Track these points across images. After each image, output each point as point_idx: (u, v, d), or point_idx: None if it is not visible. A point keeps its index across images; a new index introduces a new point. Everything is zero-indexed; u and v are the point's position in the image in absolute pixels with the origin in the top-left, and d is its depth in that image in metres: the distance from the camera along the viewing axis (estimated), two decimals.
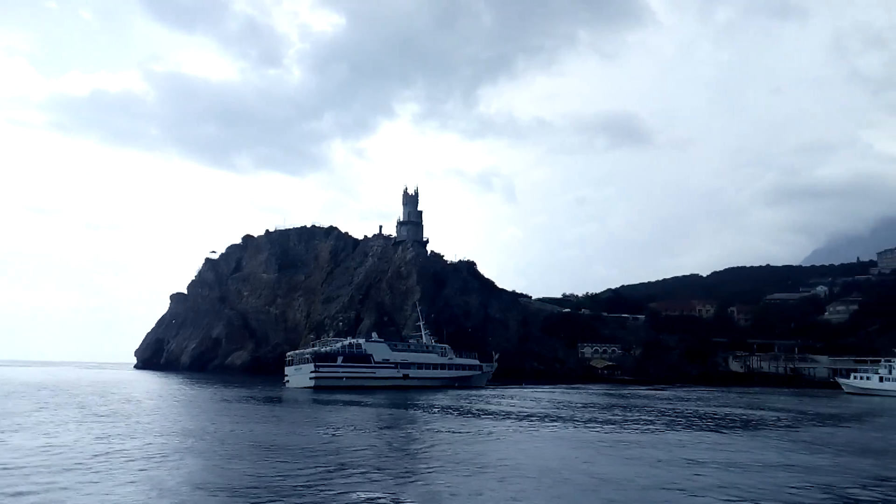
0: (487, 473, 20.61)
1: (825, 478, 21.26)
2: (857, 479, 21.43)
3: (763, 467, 23.09)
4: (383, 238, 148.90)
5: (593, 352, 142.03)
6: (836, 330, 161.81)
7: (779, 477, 21.14)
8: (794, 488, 19.29)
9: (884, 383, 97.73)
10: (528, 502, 16.77)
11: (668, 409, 52.49)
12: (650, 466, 22.79)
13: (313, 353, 79.72)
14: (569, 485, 19.09)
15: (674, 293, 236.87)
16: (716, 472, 21.61)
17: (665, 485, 19.42)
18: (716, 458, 25.03)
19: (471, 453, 24.86)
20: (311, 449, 25.02)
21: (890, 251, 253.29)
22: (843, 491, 19.17)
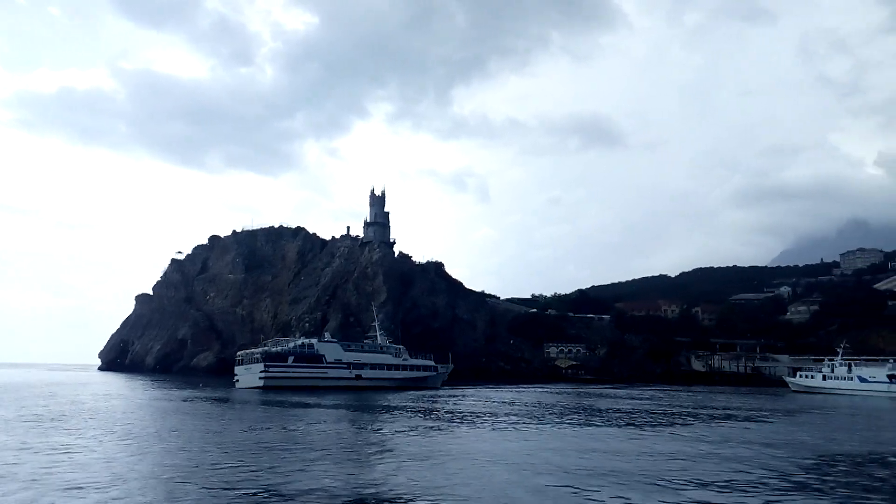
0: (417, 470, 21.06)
1: (688, 464, 23.04)
2: (716, 465, 23.10)
3: (640, 455, 24.93)
4: (351, 239, 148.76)
5: (558, 352, 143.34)
6: (797, 330, 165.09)
7: (647, 463, 23.04)
8: (649, 472, 20.94)
9: (827, 381, 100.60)
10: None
11: (609, 407, 53.51)
12: (546, 452, 24.94)
13: (263, 352, 79.01)
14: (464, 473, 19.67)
15: (642, 293, 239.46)
16: (599, 459, 23.80)
17: (550, 469, 21.40)
18: (609, 446, 27.53)
19: (403, 454, 25.27)
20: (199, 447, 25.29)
21: (852, 252, 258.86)
22: (691, 474, 20.84)
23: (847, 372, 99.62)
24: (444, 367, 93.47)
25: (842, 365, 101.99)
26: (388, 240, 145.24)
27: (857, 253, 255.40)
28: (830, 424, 42.33)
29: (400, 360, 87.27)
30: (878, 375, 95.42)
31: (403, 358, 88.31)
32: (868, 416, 53.16)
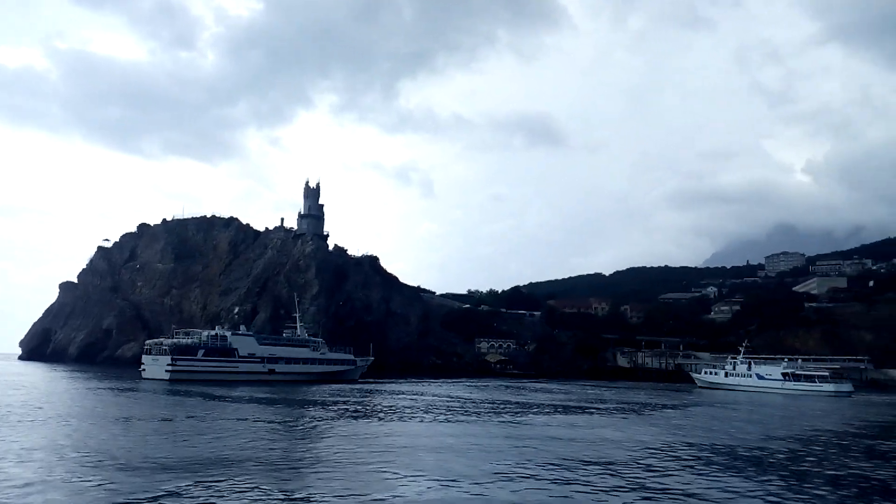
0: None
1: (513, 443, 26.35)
2: (540, 449, 25.78)
3: (479, 440, 28.05)
4: (284, 230, 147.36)
5: (489, 347, 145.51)
6: (719, 328, 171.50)
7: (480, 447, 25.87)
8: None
9: (728, 378, 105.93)
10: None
11: (505, 399, 55.54)
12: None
13: (172, 344, 76.37)
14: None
15: (577, 291, 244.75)
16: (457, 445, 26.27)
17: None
18: (467, 430, 31.04)
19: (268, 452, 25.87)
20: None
21: (776, 255, 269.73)
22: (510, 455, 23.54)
23: (747, 370, 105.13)
24: (363, 360, 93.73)
25: (743, 363, 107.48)
26: (322, 232, 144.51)
27: (781, 256, 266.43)
28: (692, 419, 44.70)
29: (317, 354, 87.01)
30: (773, 373, 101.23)
31: (322, 352, 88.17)
32: (743, 409, 56.76)
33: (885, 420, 49.46)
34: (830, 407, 62.71)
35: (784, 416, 49.99)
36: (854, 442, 33.40)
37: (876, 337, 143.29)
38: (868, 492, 19.85)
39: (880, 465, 25.54)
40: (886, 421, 48.78)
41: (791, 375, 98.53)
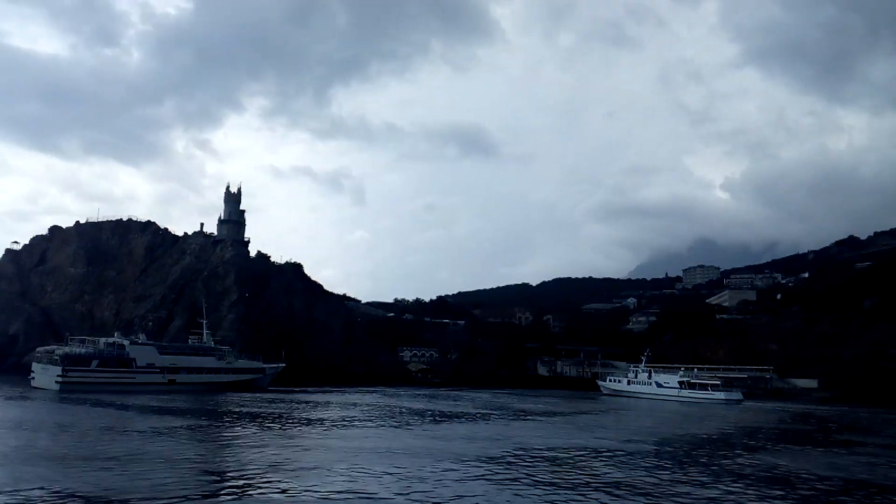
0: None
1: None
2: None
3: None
4: (203, 236, 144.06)
5: (412, 356, 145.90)
6: (636, 338, 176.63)
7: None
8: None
9: (630, 385, 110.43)
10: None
11: (405, 407, 56.38)
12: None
13: (63, 354, 71.93)
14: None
15: (505, 300, 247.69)
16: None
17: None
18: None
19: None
20: None
21: (693, 268, 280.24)
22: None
23: (647, 378, 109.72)
24: (272, 367, 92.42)
25: (644, 371, 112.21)
26: (243, 239, 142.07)
27: (698, 269, 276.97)
28: (565, 425, 46.88)
29: (223, 363, 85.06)
30: (671, 382, 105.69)
31: (228, 360, 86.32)
32: (613, 415, 59.71)
33: (754, 424, 53.27)
34: (707, 413, 66.74)
35: (638, 422, 53.06)
36: (720, 440, 35.73)
37: (781, 347, 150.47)
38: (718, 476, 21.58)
39: (730, 456, 27.43)
40: (755, 425, 52.60)
41: (686, 384, 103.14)
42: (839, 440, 41.79)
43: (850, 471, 26.97)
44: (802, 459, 31.33)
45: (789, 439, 42.47)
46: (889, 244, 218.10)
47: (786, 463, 29.35)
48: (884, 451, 35.22)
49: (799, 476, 25.56)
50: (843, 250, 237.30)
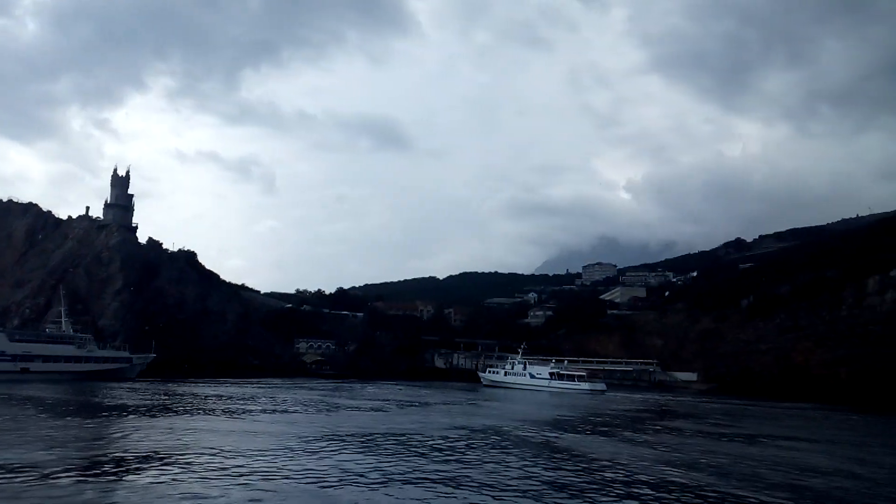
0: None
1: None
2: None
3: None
4: (89, 220, 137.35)
5: (308, 347, 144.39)
6: (533, 332, 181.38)
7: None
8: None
9: (507, 377, 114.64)
10: None
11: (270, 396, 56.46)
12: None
13: None
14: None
15: (411, 293, 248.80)
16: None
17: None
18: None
19: None
20: None
21: (592, 265, 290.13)
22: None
23: (523, 369, 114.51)
24: (140, 357, 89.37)
25: (520, 363, 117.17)
26: (131, 224, 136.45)
27: (596, 267, 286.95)
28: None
29: (83, 352, 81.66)
30: (542, 373, 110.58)
31: (88, 349, 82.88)
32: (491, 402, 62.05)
33: (593, 412, 57.08)
34: (569, 402, 70.90)
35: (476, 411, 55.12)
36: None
37: (665, 342, 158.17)
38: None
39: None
40: (593, 412, 56.44)
41: (556, 375, 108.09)
42: (655, 427, 45.45)
43: (619, 453, 29.86)
44: (589, 443, 34.52)
45: (606, 425, 46.02)
46: (771, 247, 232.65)
47: (567, 445, 32.45)
48: (684, 437, 38.34)
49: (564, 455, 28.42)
50: (729, 251, 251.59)
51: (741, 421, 55.71)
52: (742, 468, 26.93)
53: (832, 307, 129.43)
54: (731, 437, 40.45)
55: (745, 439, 39.32)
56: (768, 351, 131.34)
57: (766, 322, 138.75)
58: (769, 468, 27.12)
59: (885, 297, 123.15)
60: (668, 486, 21.87)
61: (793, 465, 28.47)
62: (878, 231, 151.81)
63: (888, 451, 38.47)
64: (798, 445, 36.96)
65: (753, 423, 53.26)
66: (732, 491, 21.67)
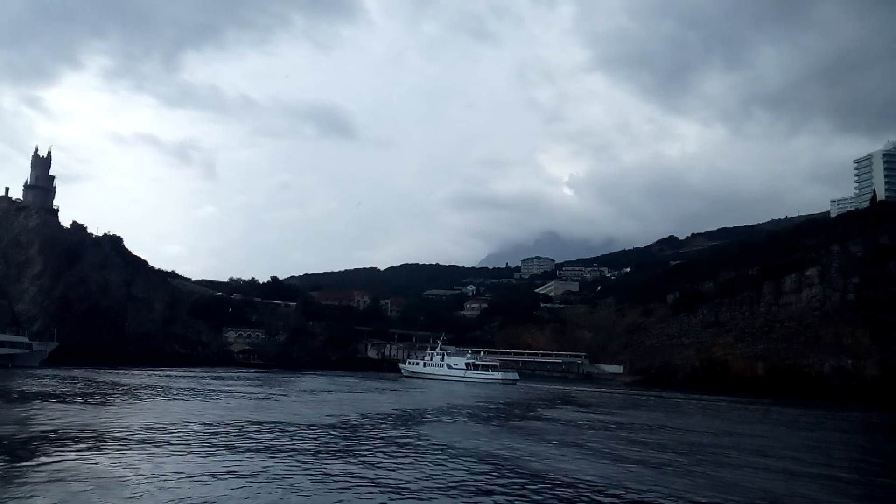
0: None
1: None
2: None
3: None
4: (8, 201, 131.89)
5: (237, 336, 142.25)
6: (468, 323, 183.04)
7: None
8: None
9: (426, 367, 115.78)
10: None
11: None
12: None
13: None
14: None
15: (352, 283, 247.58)
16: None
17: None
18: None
19: None
20: None
21: (531, 259, 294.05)
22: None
23: (441, 360, 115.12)
24: (41, 344, 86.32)
25: (438, 354, 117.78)
26: (52, 206, 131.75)
27: (535, 261, 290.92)
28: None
29: None
30: (459, 364, 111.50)
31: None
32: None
33: (490, 400, 59.58)
34: (476, 392, 73.24)
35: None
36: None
37: (594, 336, 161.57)
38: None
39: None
40: (490, 401, 59.42)
41: (472, 365, 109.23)
42: (533, 415, 48.13)
43: (451, 438, 31.27)
44: (448, 430, 36.05)
45: (490, 412, 48.49)
46: (701, 245, 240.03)
47: (427, 432, 33.72)
48: (553, 424, 40.24)
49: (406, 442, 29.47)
50: (662, 248, 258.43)
51: (632, 410, 57.91)
52: (567, 450, 29.15)
53: (752, 304, 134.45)
54: (598, 423, 42.58)
55: (605, 426, 41.24)
56: (691, 345, 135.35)
57: (689, 317, 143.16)
58: (584, 451, 29.31)
59: (801, 296, 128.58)
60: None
61: (612, 448, 30.41)
62: (798, 232, 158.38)
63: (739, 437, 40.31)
64: (650, 431, 39.29)
65: (642, 413, 55.37)
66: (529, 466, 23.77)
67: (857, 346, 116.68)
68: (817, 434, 44.05)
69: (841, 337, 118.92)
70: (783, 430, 45.49)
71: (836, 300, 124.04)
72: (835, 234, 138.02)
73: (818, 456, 31.54)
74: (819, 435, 43.42)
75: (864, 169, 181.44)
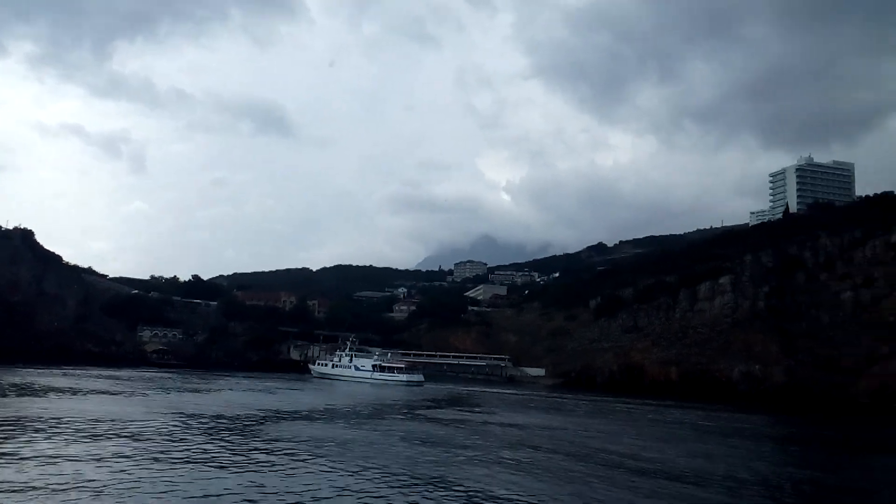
0: None
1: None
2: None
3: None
4: None
5: (152, 335, 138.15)
6: (396, 325, 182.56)
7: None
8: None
9: (334, 369, 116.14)
10: None
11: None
12: None
13: None
14: None
15: (282, 284, 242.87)
16: None
17: None
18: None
19: None
20: None
21: (464, 263, 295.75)
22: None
23: (349, 361, 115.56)
24: None
25: (346, 356, 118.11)
26: None
27: (468, 264, 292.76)
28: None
29: None
30: (366, 365, 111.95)
31: None
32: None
33: (390, 400, 61.39)
34: (375, 392, 74.73)
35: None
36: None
37: (519, 339, 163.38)
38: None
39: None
40: (386, 400, 61.36)
41: (379, 367, 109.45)
42: (411, 414, 50.29)
43: (315, 434, 34.36)
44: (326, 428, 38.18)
45: (372, 413, 50.63)
46: (628, 252, 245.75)
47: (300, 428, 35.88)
48: (419, 422, 42.40)
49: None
50: (591, 255, 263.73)
51: (520, 410, 59.53)
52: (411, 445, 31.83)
53: (668, 310, 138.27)
54: (453, 422, 44.68)
55: (467, 425, 43.51)
56: (610, 349, 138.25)
57: (610, 322, 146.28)
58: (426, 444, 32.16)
59: (714, 303, 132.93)
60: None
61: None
62: (715, 242, 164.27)
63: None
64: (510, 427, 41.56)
65: (530, 412, 56.86)
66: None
67: (765, 352, 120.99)
68: (675, 432, 46.05)
69: (750, 344, 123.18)
70: (650, 430, 47.46)
71: (747, 308, 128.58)
72: (748, 245, 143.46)
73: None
74: (671, 432, 45.39)
75: (778, 183, 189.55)
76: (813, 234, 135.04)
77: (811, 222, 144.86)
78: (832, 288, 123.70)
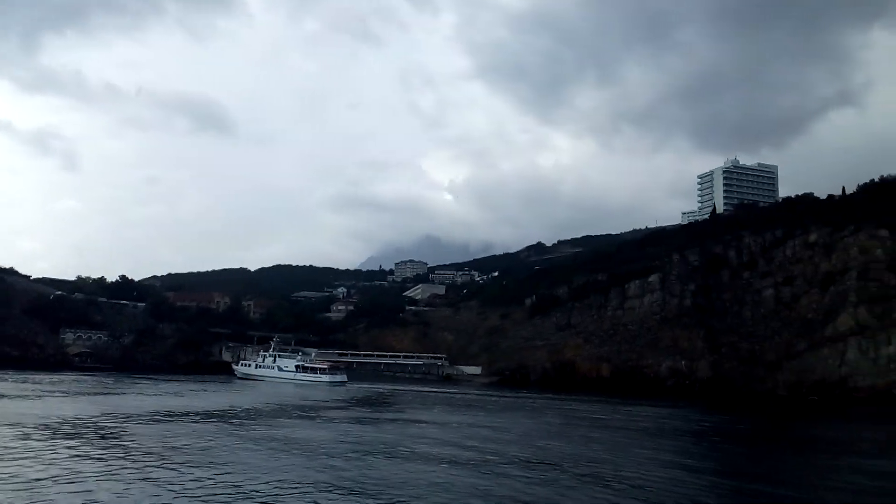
0: None
1: None
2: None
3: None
4: None
5: (75, 338, 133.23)
6: (333, 326, 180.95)
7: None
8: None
9: (258, 369, 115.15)
10: None
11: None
12: None
13: None
14: None
15: (218, 285, 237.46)
16: None
17: None
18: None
19: None
20: None
21: (403, 263, 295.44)
22: None
23: (273, 362, 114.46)
24: None
25: (270, 356, 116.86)
26: None
27: (409, 264, 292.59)
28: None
29: None
30: (290, 366, 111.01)
31: None
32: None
33: (301, 400, 61.33)
34: (292, 392, 75.32)
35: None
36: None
37: (456, 338, 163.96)
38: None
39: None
40: (295, 401, 61.33)
41: (302, 368, 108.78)
42: (309, 415, 50.55)
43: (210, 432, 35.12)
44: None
45: (280, 413, 51.06)
46: (565, 252, 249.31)
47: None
48: (311, 422, 44.18)
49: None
50: (530, 254, 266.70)
51: (433, 408, 60.07)
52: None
53: (600, 308, 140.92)
54: (357, 419, 46.06)
55: (359, 421, 45.04)
56: (543, 346, 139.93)
57: (544, 320, 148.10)
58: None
59: (644, 300, 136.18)
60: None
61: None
62: (645, 241, 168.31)
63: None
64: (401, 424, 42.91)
65: (434, 410, 57.74)
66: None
67: (691, 348, 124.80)
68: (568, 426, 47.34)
69: (678, 340, 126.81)
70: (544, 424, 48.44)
71: (675, 305, 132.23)
72: (677, 244, 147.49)
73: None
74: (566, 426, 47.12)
75: (706, 184, 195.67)
76: (737, 234, 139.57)
77: (736, 222, 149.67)
78: (755, 285, 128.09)
